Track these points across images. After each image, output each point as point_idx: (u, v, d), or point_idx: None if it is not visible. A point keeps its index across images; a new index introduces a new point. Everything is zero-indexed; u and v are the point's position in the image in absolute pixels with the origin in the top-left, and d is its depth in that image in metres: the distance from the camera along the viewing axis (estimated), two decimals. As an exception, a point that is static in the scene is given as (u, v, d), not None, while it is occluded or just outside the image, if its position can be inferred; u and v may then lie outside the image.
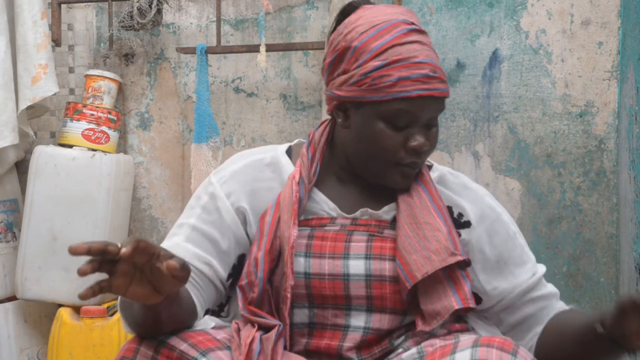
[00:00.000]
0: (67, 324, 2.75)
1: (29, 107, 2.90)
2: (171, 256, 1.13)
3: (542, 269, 1.51)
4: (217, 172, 1.49)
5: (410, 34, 1.37)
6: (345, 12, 1.48)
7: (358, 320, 1.40)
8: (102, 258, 1.09)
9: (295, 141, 1.56)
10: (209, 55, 2.83)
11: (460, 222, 1.46)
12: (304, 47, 2.79)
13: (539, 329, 1.48)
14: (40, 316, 3.01)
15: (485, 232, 1.47)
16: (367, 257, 1.41)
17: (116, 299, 2.99)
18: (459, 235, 1.45)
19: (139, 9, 2.84)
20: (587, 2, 2.65)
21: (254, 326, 1.35)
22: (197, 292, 1.41)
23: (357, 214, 1.46)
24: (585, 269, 2.66)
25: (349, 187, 1.49)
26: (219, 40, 2.84)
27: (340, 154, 1.48)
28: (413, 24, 1.39)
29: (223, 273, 1.44)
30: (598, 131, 2.65)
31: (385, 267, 1.40)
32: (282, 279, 1.39)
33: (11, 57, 2.80)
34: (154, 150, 3.06)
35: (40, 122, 3.15)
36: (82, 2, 3.02)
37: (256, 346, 1.30)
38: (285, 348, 1.37)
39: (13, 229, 3.00)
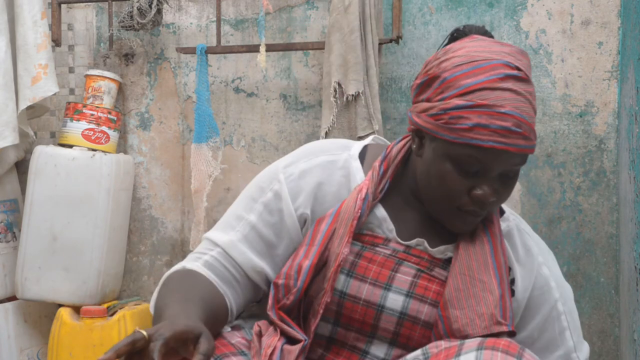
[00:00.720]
0: (67, 324, 2.75)
1: (29, 107, 2.91)
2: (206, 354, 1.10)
3: (573, 357, 1.42)
4: (287, 167, 1.41)
5: (507, 80, 1.26)
6: (454, 36, 1.41)
7: (379, 350, 1.37)
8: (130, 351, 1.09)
9: (370, 139, 1.50)
10: (209, 55, 2.83)
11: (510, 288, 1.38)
12: (304, 47, 2.79)
13: None
14: (40, 316, 3.01)
15: (525, 302, 1.39)
16: (409, 294, 1.36)
17: (116, 298, 3.00)
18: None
19: (139, 9, 2.84)
20: (587, 2, 2.65)
21: (276, 331, 1.32)
22: (238, 300, 1.39)
23: (413, 242, 1.39)
24: (585, 269, 2.66)
25: (413, 212, 1.42)
26: (219, 40, 2.84)
27: (411, 177, 1.41)
28: (518, 68, 1.28)
29: (271, 274, 1.41)
30: (598, 131, 2.65)
31: (423, 311, 1.35)
32: (319, 292, 1.35)
33: (11, 57, 2.80)
34: (154, 150, 3.06)
35: (40, 122, 3.15)
36: (82, 2, 3.02)
37: (277, 357, 1.27)
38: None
39: (13, 229, 3.00)
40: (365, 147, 1.45)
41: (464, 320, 1.30)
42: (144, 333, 1.08)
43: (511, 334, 1.31)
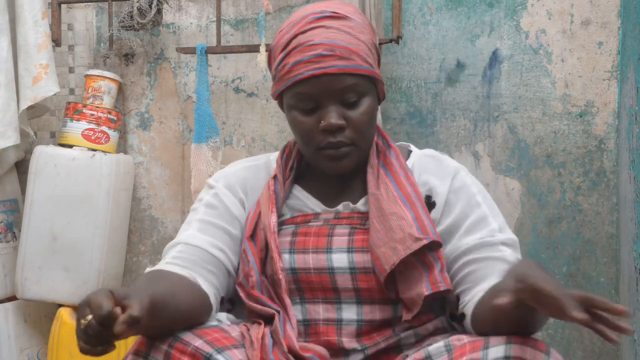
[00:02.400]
0: (67, 324, 2.75)
1: (30, 107, 2.90)
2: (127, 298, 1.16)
3: (498, 236, 1.41)
4: (213, 178, 1.58)
5: (318, 21, 1.39)
6: None
7: (349, 313, 1.42)
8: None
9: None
10: (209, 55, 2.83)
11: (429, 203, 1.46)
12: (304, 47, 2.79)
13: (474, 290, 1.38)
14: (40, 316, 3.01)
15: (446, 203, 1.46)
16: (350, 250, 1.43)
17: (116, 299, 2.99)
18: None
19: (139, 9, 2.84)
20: (587, 2, 2.65)
21: (260, 324, 1.38)
22: (212, 280, 1.45)
23: (340, 207, 1.49)
24: (585, 269, 2.66)
25: (331, 182, 1.51)
26: (219, 40, 2.84)
27: None
28: (333, 12, 1.40)
29: (234, 260, 1.49)
30: (598, 131, 2.65)
31: (369, 259, 1.41)
32: (272, 265, 1.43)
33: (12, 57, 2.80)
34: (154, 150, 3.06)
35: (40, 122, 3.15)
36: (82, 2, 3.02)
37: (268, 340, 1.32)
38: (297, 333, 1.40)
39: (13, 229, 3.00)
40: (284, 149, 1.56)
41: (389, 252, 1.36)
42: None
43: (436, 244, 1.37)
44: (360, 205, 1.48)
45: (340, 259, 1.42)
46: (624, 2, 2.57)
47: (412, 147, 1.57)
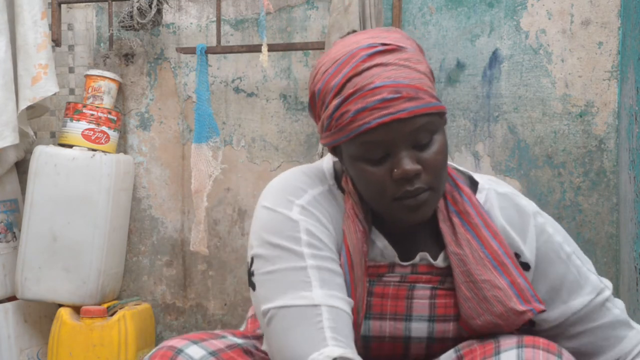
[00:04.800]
0: (67, 324, 2.75)
1: (29, 107, 2.91)
2: None
3: (605, 292, 1.36)
4: (289, 207, 1.29)
5: (372, 58, 1.21)
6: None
7: None
8: None
9: (325, 160, 1.40)
10: (209, 55, 2.83)
11: (520, 263, 1.33)
12: (304, 47, 2.79)
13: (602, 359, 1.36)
14: (40, 316, 3.01)
15: (536, 265, 1.34)
16: (431, 318, 1.32)
17: (116, 298, 3.00)
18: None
19: (139, 9, 2.84)
20: (587, 2, 2.65)
21: None
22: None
23: (417, 259, 1.33)
24: (585, 269, 2.66)
25: (402, 228, 1.34)
26: (219, 40, 2.84)
27: None
28: (383, 44, 1.23)
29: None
30: (598, 131, 2.65)
31: (449, 329, 1.33)
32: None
33: (11, 57, 2.80)
34: (154, 150, 3.06)
35: (40, 122, 3.15)
36: (82, 2, 3.02)
37: None
38: None
39: (13, 229, 3.00)
40: (334, 172, 1.37)
41: (489, 326, 1.27)
42: None
43: (542, 312, 1.29)
44: (440, 261, 1.33)
45: (419, 329, 1.33)
46: (624, 2, 2.57)
47: (476, 177, 1.40)
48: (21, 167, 3.04)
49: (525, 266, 1.32)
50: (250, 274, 1.29)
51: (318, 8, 2.88)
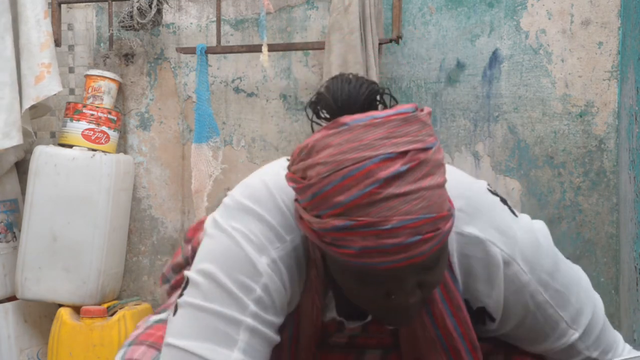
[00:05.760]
0: (67, 324, 2.75)
1: (32, 107, 2.90)
2: None
3: (571, 337, 1.27)
4: (261, 254, 1.13)
5: (389, 184, 0.99)
6: (320, 100, 1.09)
7: None
8: None
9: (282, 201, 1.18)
10: (209, 55, 2.83)
11: (483, 315, 1.24)
12: (304, 47, 2.79)
13: None
14: (40, 316, 3.01)
15: (505, 313, 1.24)
16: None
17: (116, 298, 3.00)
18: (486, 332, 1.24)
19: (139, 9, 2.84)
20: (587, 2, 2.65)
21: None
22: None
23: (369, 317, 1.21)
24: (585, 269, 2.65)
25: None
26: (219, 40, 2.84)
27: None
28: (402, 154, 1.00)
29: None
30: (598, 131, 2.65)
31: None
32: None
33: (15, 56, 2.80)
34: (154, 150, 3.06)
35: (40, 122, 3.15)
36: (82, 2, 3.02)
37: None
38: None
39: (13, 229, 3.00)
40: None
41: None
42: None
43: None
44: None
45: None
46: (624, 2, 2.57)
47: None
48: (21, 167, 3.04)
49: (490, 318, 1.23)
50: (180, 296, 1.15)
51: (318, 8, 2.88)
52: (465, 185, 1.19)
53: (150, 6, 2.84)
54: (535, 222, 1.33)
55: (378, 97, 1.08)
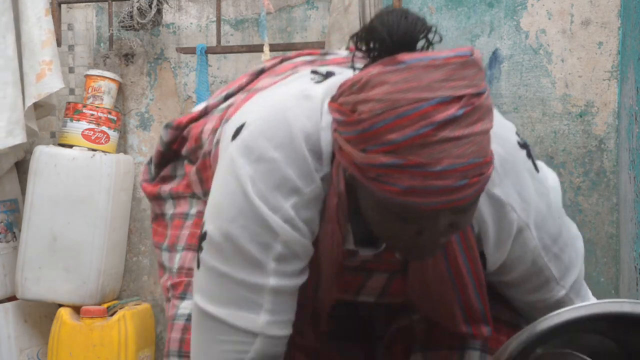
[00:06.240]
0: (67, 324, 2.75)
1: (37, 106, 2.90)
2: None
3: (558, 293, 1.32)
4: (276, 212, 1.11)
5: (443, 127, 0.99)
6: (372, 34, 1.06)
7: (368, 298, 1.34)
8: None
9: (325, 116, 1.14)
10: (209, 55, 2.83)
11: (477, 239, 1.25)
12: (304, 47, 2.79)
13: None
14: (40, 316, 3.01)
15: (503, 264, 1.27)
16: (381, 294, 1.30)
17: (116, 298, 3.00)
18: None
19: (139, 9, 2.84)
20: (587, 2, 2.65)
21: None
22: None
23: (382, 246, 1.22)
24: (585, 268, 2.64)
25: None
26: (219, 40, 2.84)
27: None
28: (458, 98, 1.00)
29: None
30: (598, 131, 2.65)
31: (399, 300, 1.31)
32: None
33: (17, 55, 2.81)
34: (154, 150, 3.06)
35: (40, 122, 3.14)
36: (82, 2, 3.02)
37: None
38: None
39: (13, 229, 3.00)
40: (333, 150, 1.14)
41: (435, 317, 1.29)
42: None
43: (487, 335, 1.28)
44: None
45: (366, 299, 1.32)
46: (624, 2, 2.57)
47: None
48: (21, 167, 3.04)
49: (484, 266, 1.26)
50: (200, 249, 1.16)
51: (318, 8, 2.88)
52: (499, 139, 1.15)
53: (150, 6, 2.84)
54: (550, 175, 1.40)
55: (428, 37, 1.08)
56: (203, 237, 1.15)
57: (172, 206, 1.42)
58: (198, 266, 1.16)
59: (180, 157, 1.46)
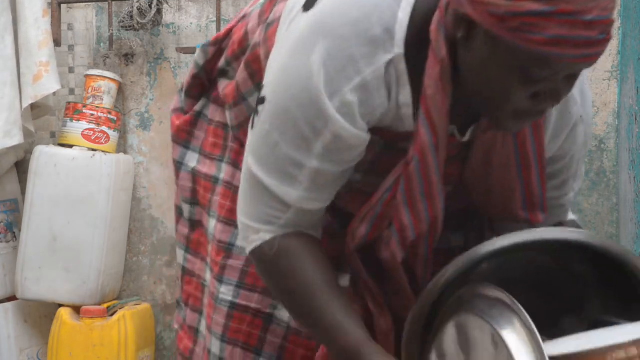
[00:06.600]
0: (67, 324, 2.75)
1: (34, 107, 2.91)
2: None
3: (571, 194, 1.36)
4: (332, 96, 1.11)
5: None
6: None
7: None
8: None
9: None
10: (209, 55, 2.83)
11: None
12: (304, 47, 2.79)
13: None
14: (40, 316, 3.01)
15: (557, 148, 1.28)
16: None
17: (116, 298, 3.00)
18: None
19: (139, 9, 2.84)
20: (587, 2, 2.65)
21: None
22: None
23: (469, 132, 1.22)
24: (585, 269, 2.66)
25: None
26: (219, 40, 2.84)
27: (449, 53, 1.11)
28: None
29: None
30: (598, 131, 2.65)
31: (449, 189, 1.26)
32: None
33: (15, 55, 2.81)
34: (154, 150, 3.06)
35: (40, 122, 3.15)
36: (82, 2, 3.02)
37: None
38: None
39: (13, 229, 3.00)
40: (410, 25, 1.12)
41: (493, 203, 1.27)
42: None
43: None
44: (466, 136, 1.22)
45: None
46: (624, 2, 2.57)
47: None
48: (21, 167, 3.04)
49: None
50: (256, 112, 1.18)
51: (318, 8, 2.88)
52: None
53: (150, 6, 2.84)
54: None
55: None
56: (261, 101, 1.17)
57: (195, 161, 1.55)
58: (252, 127, 1.19)
59: (214, 82, 1.49)
